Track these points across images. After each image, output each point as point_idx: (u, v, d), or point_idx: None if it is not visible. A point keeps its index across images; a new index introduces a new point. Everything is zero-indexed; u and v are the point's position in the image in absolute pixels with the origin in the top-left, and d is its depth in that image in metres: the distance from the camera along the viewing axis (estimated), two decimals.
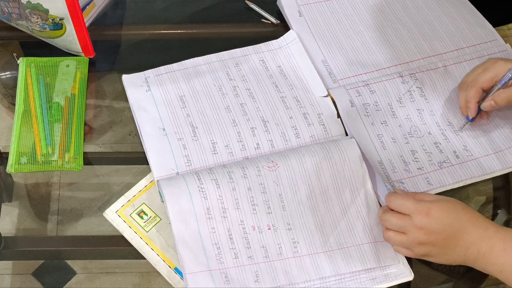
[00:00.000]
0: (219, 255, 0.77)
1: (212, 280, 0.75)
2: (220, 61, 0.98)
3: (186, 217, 0.79)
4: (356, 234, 0.82)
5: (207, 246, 0.77)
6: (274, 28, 1.07)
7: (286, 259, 0.78)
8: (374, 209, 0.84)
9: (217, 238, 0.78)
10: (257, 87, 0.95)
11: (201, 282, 0.75)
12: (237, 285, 0.75)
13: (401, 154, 0.89)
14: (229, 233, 0.79)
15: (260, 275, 0.76)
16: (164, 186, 0.81)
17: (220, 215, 0.79)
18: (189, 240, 0.78)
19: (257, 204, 0.81)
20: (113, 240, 0.85)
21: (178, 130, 0.89)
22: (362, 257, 0.80)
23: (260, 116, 0.91)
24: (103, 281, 0.85)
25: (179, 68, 0.97)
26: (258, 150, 0.88)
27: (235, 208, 0.80)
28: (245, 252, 0.78)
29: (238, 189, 0.81)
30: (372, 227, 0.82)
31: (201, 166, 0.86)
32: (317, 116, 0.92)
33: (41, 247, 0.87)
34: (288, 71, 0.97)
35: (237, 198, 0.81)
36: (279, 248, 0.79)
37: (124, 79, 0.96)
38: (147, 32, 1.08)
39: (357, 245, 0.81)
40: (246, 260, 0.77)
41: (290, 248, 0.79)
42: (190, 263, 0.76)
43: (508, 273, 0.74)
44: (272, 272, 0.77)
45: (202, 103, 0.93)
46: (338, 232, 0.81)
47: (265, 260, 0.78)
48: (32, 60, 0.99)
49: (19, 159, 0.89)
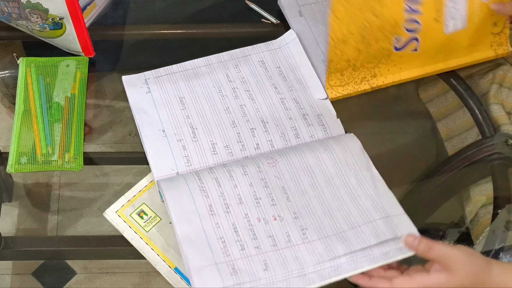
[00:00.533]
0: (225, 248, 0.77)
1: (218, 273, 0.75)
2: (220, 63, 0.98)
3: (189, 216, 0.79)
4: (367, 212, 0.81)
5: (212, 241, 0.77)
6: (274, 28, 1.07)
7: (295, 246, 0.78)
8: (383, 190, 0.83)
9: (221, 232, 0.78)
10: (257, 89, 0.95)
11: (207, 276, 0.75)
12: (245, 275, 0.75)
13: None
14: (234, 227, 0.79)
15: (269, 264, 0.76)
16: (165, 187, 0.81)
17: (223, 210, 0.79)
18: (193, 237, 0.77)
19: (260, 198, 0.81)
20: (113, 240, 0.85)
21: (178, 131, 0.89)
22: (376, 232, 0.79)
23: (260, 117, 0.91)
24: (103, 281, 0.85)
25: (179, 70, 0.97)
26: (257, 150, 0.88)
27: (238, 203, 0.80)
28: (251, 243, 0.78)
29: (240, 186, 0.81)
30: (383, 204, 0.82)
31: (201, 167, 0.86)
32: (317, 117, 0.92)
33: (41, 247, 0.87)
34: (287, 72, 0.97)
35: (239, 194, 0.81)
36: (287, 236, 0.78)
37: (124, 80, 0.96)
38: (147, 32, 1.08)
39: (370, 222, 0.80)
40: (253, 251, 0.77)
41: (299, 235, 0.79)
42: (195, 259, 0.76)
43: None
44: (281, 260, 0.77)
45: (201, 105, 0.93)
46: (347, 214, 0.81)
47: (273, 249, 0.77)
48: (32, 60, 0.99)
49: (19, 159, 0.89)
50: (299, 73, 0.97)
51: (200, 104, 0.93)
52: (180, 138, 0.88)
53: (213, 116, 0.91)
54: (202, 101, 0.93)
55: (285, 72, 0.97)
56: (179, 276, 0.79)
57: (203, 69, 0.97)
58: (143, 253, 0.81)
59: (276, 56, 0.99)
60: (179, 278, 0.79)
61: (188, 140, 0.88)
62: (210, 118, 0.91)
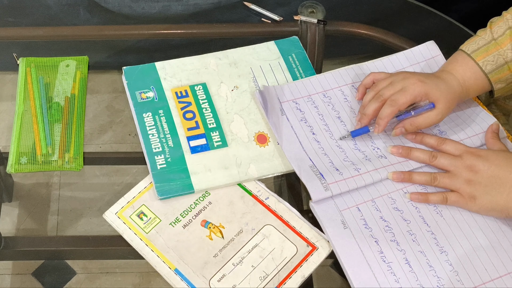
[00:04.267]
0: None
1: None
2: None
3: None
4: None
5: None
6: (274, 28, 1.07)
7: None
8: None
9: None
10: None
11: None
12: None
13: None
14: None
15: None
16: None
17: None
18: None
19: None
20: (113, 240, 0.85)
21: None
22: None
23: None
24: (103, 281, 0.85)
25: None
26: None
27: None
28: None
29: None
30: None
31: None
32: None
33: (41, 247, 0.87)
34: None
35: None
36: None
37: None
38: (147, 32, 1.08)
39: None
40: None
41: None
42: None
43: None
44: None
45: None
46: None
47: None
48: (32, 60, 0.99)
49: (19, 159, 0.89)
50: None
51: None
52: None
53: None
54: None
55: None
56: (179, 277, 0.79)
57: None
58: (143, 255, 0.81)
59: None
60: (179, 279, 0.79)
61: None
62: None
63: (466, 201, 0.82)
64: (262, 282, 0.79)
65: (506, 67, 0.88)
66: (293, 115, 0.92)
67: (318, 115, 0.93)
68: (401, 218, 0.83)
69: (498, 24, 0.90)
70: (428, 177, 0.85)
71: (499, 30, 0.90)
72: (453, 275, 0.78)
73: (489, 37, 0.90)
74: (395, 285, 0.77)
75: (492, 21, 0.92)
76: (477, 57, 0.89)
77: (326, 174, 0.85)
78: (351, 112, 0.93)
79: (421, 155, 0.86)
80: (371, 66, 0.97)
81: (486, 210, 0.82)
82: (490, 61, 0.89)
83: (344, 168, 0.86)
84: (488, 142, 0.88)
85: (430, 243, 0.81)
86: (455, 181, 0.83)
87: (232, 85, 0.97)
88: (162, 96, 0.95)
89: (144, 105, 0.94)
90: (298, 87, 0.95)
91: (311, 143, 0.90)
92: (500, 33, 0.89)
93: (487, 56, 0.89)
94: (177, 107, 0.94)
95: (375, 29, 1.08)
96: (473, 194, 0.82)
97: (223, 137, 0.91)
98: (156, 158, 0.88)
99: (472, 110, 0.93)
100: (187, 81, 0.97)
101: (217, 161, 0.89)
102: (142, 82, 0.96)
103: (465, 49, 0.90)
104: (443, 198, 0.83)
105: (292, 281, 0.79)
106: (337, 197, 0.84)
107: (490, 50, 0.89)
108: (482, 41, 0.90)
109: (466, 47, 0.91)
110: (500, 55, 0.89)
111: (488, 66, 0.89)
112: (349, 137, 0.90)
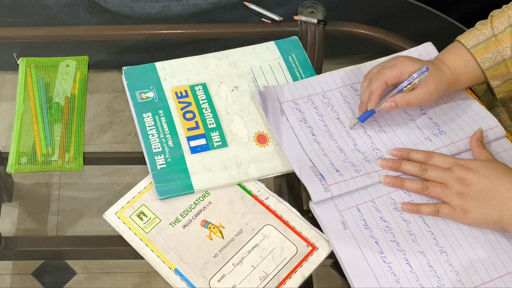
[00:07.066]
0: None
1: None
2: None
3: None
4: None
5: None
6: (274, 28, 1.07)
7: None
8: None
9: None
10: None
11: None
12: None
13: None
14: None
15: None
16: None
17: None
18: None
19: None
20: (113, 240, 0.85)
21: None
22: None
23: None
24: (103, 281, 0.85)
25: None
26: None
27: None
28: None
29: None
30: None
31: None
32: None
33: (41, 247, 0.87)
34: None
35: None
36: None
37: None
38: (147, 32, 1.08)
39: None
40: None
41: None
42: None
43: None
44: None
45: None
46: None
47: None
48: (32, 60, 0.99)
49: (19, 159, 0.89)
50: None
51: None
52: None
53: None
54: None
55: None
56: (179, 277, 0.79)
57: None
58: (143, 255, 0.81)
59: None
60: (179, 279, 0.79)
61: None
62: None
63: (458, 215, 0.81)
64: (262, 282, 0.79)
65: (504, 64, 0.88)
66: (293, 115, 0.92)
67: (317, 116, 0.93)
68: (401, 219, 0.83)
69: (499, 20, 0.90)
70: (420, 186, 0.84)
71: (500, 26, 0.89)
72: (453, 275, 0.78)
73: (489, 32, 0.90)
74: (395, 285, 0.78)
75: (493, 15, 0.92)
76: (476, 54, 0.89)
77: (326, 175, 0.85)
78: (350, 113, 0.93)
79: (412, 168, 0.85)
80: (370, 67, 0.97)
81: (479, 223, 0.81)
82: (489, 58, 0.89)
83: (344, 169, 0.86)
84: (473, 150, 0.87)
85: (430, 243, 0.81)
86: (446, 192, 0.82)
87: (232, 85, 0.97)
88: (162, 96, 0.95)
89: (144, 105, 0.94)
90: (297, 87, 0.96)
91: (311, 144, 0.90)
92: (501, 29, 0.89)
93: (486, 53, 0.89)
94: (177, 107, 0.94)
95: (375, 29, 1.08)
96: (464, 207, 0.81)
97: (223, 137, 0.91)
98: (156, 158, 0.88)
99: (473, 109, 0.93)
100: (187, 81, 0.97)
101: (217, 161, 0.89)
102: (142, 82, 0.96)
103: (464, 42, 0.90)
104: (435, 210, 0.82)
105: (292, 281, 0.80)
106: (337, 198, 0.84)
107: (489, 47, 0.89)
108: (482, 36, 0.90)
109: (465, 40, 0.90)
110: (499, 52, 0.89)
111: (486, 63, 0.89)
112: (358, 124, 0.91)
